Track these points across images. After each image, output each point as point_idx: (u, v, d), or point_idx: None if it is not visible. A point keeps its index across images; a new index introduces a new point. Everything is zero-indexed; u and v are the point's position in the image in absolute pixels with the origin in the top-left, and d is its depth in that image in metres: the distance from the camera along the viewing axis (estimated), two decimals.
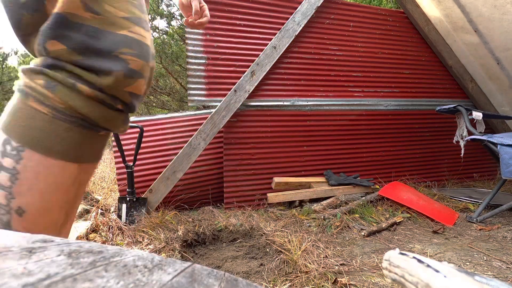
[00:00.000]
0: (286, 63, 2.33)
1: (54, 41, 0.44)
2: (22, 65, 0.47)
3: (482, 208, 1.89)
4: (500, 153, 1.79)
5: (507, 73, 2.55)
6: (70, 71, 0.45)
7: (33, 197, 0.45)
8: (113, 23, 0.46)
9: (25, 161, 0.44)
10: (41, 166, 0.45)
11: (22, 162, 0.44)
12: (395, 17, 2.66)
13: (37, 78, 0.45)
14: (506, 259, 1.40)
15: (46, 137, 0.45)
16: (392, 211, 2.02)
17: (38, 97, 0.44)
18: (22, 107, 0.45)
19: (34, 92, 0.44)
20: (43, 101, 0.44)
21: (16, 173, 0.44)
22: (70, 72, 0.45)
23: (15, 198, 0.44)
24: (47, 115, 0.44)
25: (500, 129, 2.89)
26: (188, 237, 1.58)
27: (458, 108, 2.15)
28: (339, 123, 2.51)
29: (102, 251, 0.23)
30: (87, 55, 0.45)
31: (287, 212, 2.02)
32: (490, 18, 2.23)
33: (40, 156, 0.45)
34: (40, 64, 0.45)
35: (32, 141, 0.44)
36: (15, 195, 0.44)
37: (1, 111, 0.47)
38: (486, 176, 3.02)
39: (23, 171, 0.44)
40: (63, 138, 0.46)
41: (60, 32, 0.44)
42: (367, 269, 1.32)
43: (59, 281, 0.18)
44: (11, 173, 0.44)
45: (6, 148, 0.44)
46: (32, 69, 0.45)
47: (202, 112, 2.28)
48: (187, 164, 2.02)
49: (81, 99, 0.45)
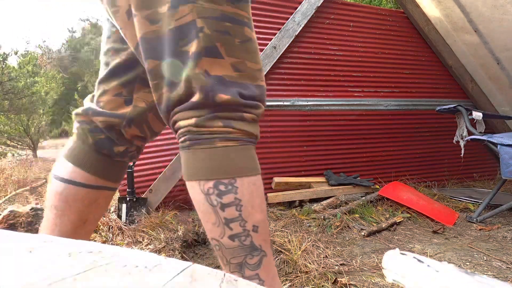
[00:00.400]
0: (286, 63, 2.33)
1: (220, 94, 0.54)
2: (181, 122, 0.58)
3: (482, 208, 1.89)
4: (500, 153, 1.79)
5: (507, 73, 2.55)
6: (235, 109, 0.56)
7: (258, 211, 0.55)
8: (253, 77, 0.59)
9: (240, 189, 0.53)
10: (251, 185, 0.55)
11: (239, 191, 0.53)
12: (395, 17, 2.66)
13: (214, 123, 0.54)
14: (506, 259, 1.40)
15: (242, 161, 0.55)
16: (392, 211, 2.02)
17: (223, 136, 0.54)
18: (212, 150, 0.54)
19: (217, 134, 0.54)
20: (228, 137, 0.55)
21: (238, 202, 0.53)
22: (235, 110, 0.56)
23: (247, 221, 0.53)
24: (235, 145, 0.55)
25: (500, 129, 2.89)
26: (188, 237, 1.58)
27: (458, 108, 2.15)
28: (339, 123, 2.51)
29: (102, 251, 0.23)
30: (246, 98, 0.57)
31: (287, 212, 2.02)
32: (490, 18, 2.23)
33: (248, 178, 0.55)
34: (208, 112, 0.54)
35: (237, 170, 0.54)
36: (246, 219, 0.53)
37: (1, 111, 0.47)
38: (486, 176, 3.02)
39: (243, 197, 0.53)
40: (249, 157, 0.57)
41: (222, 89, 0.54)
42: (367, 269, 1.32)
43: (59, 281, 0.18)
44: (235, 205, 0.53)
45: (220, 189, 0.53)
46: (206, 118, 0.54)
47: None
48: None
49: (249, 124, 0.57)
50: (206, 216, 0.54)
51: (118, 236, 1.58)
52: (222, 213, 0.53)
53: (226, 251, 0.54)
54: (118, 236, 1.58)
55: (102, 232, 1.61)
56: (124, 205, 1.83)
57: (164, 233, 1.57)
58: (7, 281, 0.18)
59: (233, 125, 0.55)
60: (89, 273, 0.20)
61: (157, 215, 1.80)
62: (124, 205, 1.83)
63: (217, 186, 0.53)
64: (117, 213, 1.85)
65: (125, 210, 1.82)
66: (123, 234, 1.60)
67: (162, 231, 1.60)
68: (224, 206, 0.52)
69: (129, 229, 1.64)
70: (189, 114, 0.55)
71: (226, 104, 0.54)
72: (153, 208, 1.95)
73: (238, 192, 0.53)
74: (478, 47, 2.50)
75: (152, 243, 1.49)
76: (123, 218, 1.80)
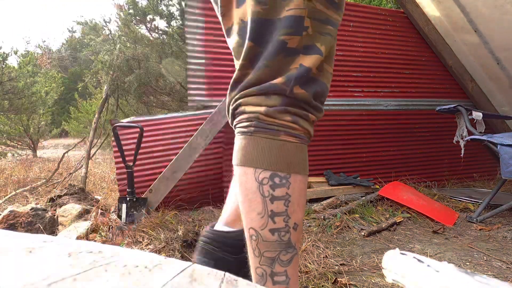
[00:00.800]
0: None
1: (298, 86, 0.55)
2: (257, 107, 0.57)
3: (482, 208, 1.89)
4: (500, 153, 1.79)
5: (507, 73, 2.55)
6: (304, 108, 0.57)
7: (301, 210, 0.57)
8: (328, 79, 0.60)
9: (292, 185, 0.55)
10: (302, 184, 0.56)
11: (291, 187, 0.55)
12: (395, 17, 2.66)
13: (283, 116, 0.55)
14: (506, 259, 1.40)
15: (298, 159, 0.57)
16: (392, 211, 2.02)
17: (288, 131, 0.56)
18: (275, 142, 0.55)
19: (283, 128, 0.55)
20: (291, 133, 0.56)
21: (288, 198, 0.54)
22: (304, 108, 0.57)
23: (290, 218, 0.55)
24: (295, 143, 0.57)
25: (500, 129, 2.89)
26: (188, 237, 1.58)
27: (458, 108, 2.15)
28: (339, 123, 2.51)
29: (102, 251, 0.23)
30: (316, 100, 0.59)
31: None
32: (490, 18, 2.23)
33: (301, 176, 0.57)
34: (279, 104, 0.55)
35: (293, 167, 0.55)
36: (290, 215, 0.55)
37: (1, 111, 0.47)
38: (486, 176, 3.02)
39: (293, 194, 0.55)
40: (304, 156, 0.59)
41: (304, 82, 0.56)
42: (367, 269, 1.32)
43: (59, 281, 0.18)
44: (284, 199, 0.54)
45: (274, 181, 0.54)
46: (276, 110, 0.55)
47: (202, 112, 2.27)
48: (187, 164, 2.02)
49: (310, 125, 0.59)
50: (253, 204, 0.55)
51: (118, 236, 1.58)
52: (271, 205, 0.54)
53: (262, 243, 0.54)
54: (118, 236, 1.58)
55: (102, 232, 1.61)
56: (124, 205, 1.83)
57: (164, 233, 1.57)
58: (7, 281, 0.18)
59: (299, 123, 0.57)
60: (89, 273, 0.20)
61: (157, 215, 1.80)
62: (124, 205, 1.83)
63: (273, 178, 0.54)
64: (117, 213, 1.85)
65: (125, 210, 1.82)
66: (123, 234, 1.60)
67: (162, 231, 1.60)
68: (274, 198, 0.54)
69: (129, 229, 1.64)
70: (259, 101, 0.56)
71: (300, 99, 0.56)
72: (153, 208, 1.95)
73: (290, 188, 0.54)
74: (478, 47, 2.50)
75: (152, 243, 1.49)
76: (123, 218, 1.80)
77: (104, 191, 2.64)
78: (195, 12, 2.13)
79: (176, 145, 2.18)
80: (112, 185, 3.12)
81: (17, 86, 4.95)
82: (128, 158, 1.94)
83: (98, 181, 3.67)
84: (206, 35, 2.15)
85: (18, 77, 5.03)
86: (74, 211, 1.80)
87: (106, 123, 4.60)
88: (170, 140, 2.20)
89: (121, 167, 2.07)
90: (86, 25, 5.42)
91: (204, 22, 2.14)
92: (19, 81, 5.03)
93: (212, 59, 2.16)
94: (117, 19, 5.03)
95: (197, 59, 2.13)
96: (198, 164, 2.19)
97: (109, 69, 4.14)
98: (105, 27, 5.45)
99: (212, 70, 2.16)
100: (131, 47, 4.68)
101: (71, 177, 3.40)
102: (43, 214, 1.75)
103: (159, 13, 5.19)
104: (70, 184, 2.33)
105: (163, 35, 5.38)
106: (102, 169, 4.76)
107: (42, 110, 6.74)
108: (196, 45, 2.13)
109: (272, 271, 0.54)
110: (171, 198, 2.09)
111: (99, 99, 6.64)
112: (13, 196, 2.71)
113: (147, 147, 2.15)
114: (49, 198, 2.07)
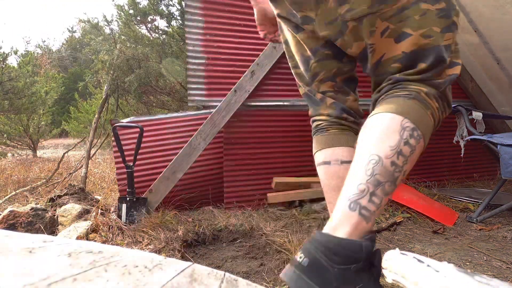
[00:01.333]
0: (286, 63, 2.32)
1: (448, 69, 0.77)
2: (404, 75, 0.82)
3: (482, 208, 1.89)
4: (500, 153, 1.79)
5: (507, 73, 2.55)
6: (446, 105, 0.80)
7: (412, 164, 0.70)
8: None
9: (420, 144, 0.69)
10: (422, 147, 0.71)
11: (419, 145, 0.69)
12: None
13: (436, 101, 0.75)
14: (506, 259, 1.40)
15: (429, 133, 0.72)
16: (392, 211, 2.02)
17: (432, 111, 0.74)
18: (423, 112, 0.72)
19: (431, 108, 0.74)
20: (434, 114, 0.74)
21: (413, 150, 0.68)
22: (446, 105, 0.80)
23: (407, 163, 0.68)
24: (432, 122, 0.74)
25: (500, 129, 2.89)
26: (188, 237, 1.58)
27: (458, 108, 2.15)
28: None
29: (102, 251, 0.23)
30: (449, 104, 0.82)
31: (287, 212, 2.02)
32: (490, 18, 2.23)
33: (424, 145, 0.71)
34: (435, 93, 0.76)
35: (426, 134, 0.70)
36: (407, 162, 0.68)
37: (1, 111, 0.47)
38: (486, 176, 3.02)
39: (416, 149, 0.69)
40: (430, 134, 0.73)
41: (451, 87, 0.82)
42: None
43: (59, 281, 0.18)
44: (411, 149, 0.68)
45: (412, 133, 0.68)
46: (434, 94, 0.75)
47: (202, 112, 2.27)
48: (187, 164, 2.02)
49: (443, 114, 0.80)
50: (389, 140, 0.67)
51: (118, 236, 1.58)
52: (403, 146, 0.67)
53: (380, 168, 0.65)
54: (118, 236, 1.58)
55: (102, 232, 1.61)
56: (124, 205, 1.83)
57: (164, 233, 1.57)
58: (7, 281, 0.18)
59: (442, 111, 0.77)
60: (89, 273, 0.20)
61: (157, 215, 1.80)
62: (124, 205, 1.83)
63: (413, 130, 0.68)
64: (117, 213, 1.85)
65: (125, 210, 1.82)
66: (123, 234, 1.60)
67: (162, 231, 1.60)
68: (407, 143, 0.67)
69: (129, 229, 1.64)
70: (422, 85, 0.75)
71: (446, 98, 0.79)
72: (153, 208, 1.95)
73: (418, 145, 0.69)
74: (478, 47, 2.50)
75: (152, 243, 1.49)
76: (123, 218, 1.80)
77: (104, 191, 2.64)
78: (195, 12, 2.13)
79: (176, 145, 2.18)
80: (112, 185, 3.12)
81: (17, 86, 4.95)
82: (128, 158, 1.95)
83: (98, 181, 3.68)
84: (206, 35, 2.15)
85: (18, 77, 5.02)
86: (74, 211, 1.80)
87: (106, 123, 4.60)
88: (170, 140, 2.20)
89: (121, 167, 2.07)
90: (89, 22, 5.41)
91: (204, 22, 2.15)
92: (19, 81, 5.02)
93: (212, 59, 2.16)
94: (118, 19, 5.03)
95: (197, 59, 2.13)
96: (198, 164, 2.19)
97: (109, 68, 4.14)
98: (106, 26, 5.45)
99: (212, 70, 2.16)
100: (131, 47, 4.68)
101: (71, 177, 3.41)
102: (43, 214, 1.75)
103: (159, 13, 5.19)
104: (70, 184, 2.33)
105: (163, 35, 5.38)
106: (102, 169, 4.76)
107: (42, 110, 6.74)
108: (196, 45, 2.13)
109: (374, 191, 0.65)
110: (171, 198, 2.09)
111: (99, 99, 6.63)
112: (13, 196, 2.71)
113: (147, 147, 2.15)
114: (49, 198, 2.07)
